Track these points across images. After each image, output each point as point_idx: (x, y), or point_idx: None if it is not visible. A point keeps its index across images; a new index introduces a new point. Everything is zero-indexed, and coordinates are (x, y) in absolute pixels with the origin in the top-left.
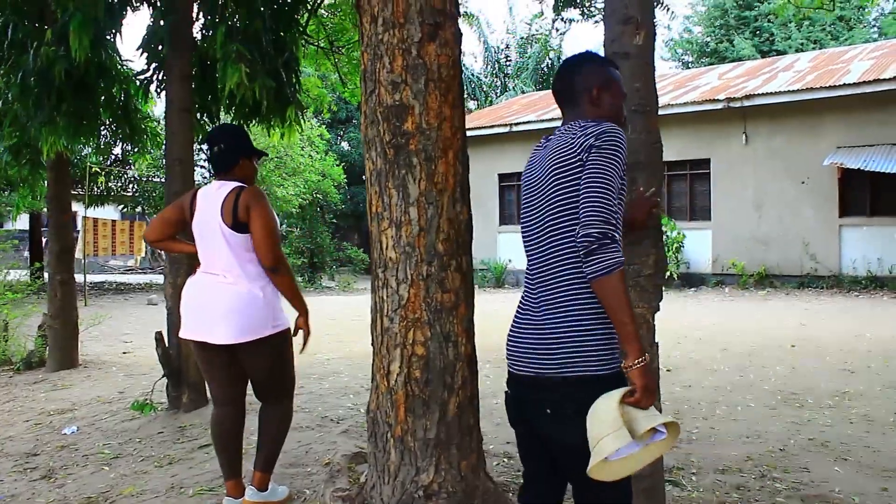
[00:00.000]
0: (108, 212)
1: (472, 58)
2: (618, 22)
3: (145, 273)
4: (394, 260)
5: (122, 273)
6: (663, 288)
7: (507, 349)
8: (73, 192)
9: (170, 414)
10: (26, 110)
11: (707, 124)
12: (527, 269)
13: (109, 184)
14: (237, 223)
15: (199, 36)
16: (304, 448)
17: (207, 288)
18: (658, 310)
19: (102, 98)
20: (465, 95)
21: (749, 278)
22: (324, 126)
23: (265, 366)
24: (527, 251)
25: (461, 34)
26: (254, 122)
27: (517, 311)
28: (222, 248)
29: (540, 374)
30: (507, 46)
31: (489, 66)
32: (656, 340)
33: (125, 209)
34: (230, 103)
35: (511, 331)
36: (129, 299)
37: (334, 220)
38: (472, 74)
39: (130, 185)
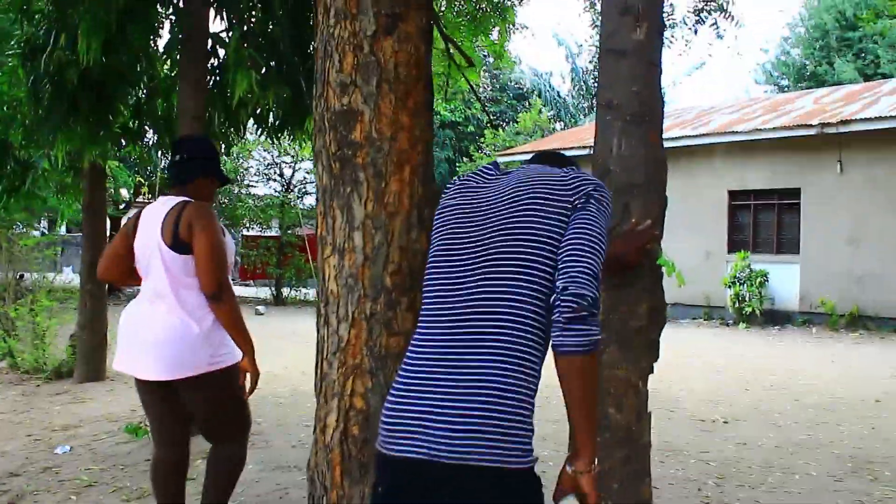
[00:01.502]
0: None
1: (560, 78)
2: (616, 12)
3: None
4: (335, 294)
5: None
6: (659, 345)
7: (390, 423)
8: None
9: None
10: (36, 116)
11: (799, 152)
12: (430, 313)
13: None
14: (178, 242)
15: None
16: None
17: (139, 317)
18: (650, 372)
19: (120, 104)
20: (552, 115)
21: (840, 318)
22: None
23: (205, 406)
24: (442, 291)
25: (430, 28)
26: (281, 133)
27: (407, 367)
28: (159, 270)
29: (438, 459)
30: (595, 68)
31: (576, 88)
32: (649, 410)
33: None
34: (239, 112)
35: (399, 397)
36: None
37: None
38: (559, 95)
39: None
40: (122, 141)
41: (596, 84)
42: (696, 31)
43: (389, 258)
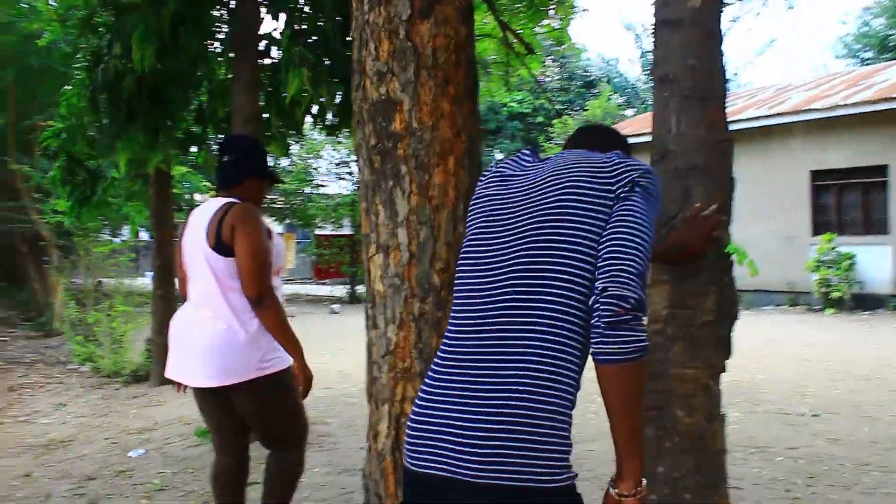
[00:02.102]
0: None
1: (629, 63)
2: None
3: (303, 284)
4: (381, 294)
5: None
6: (731, 341)
7: (412, 435)
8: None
9: None
10: (96, 126)
11: (884, 127)
12: (458, 318)
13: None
14: (221, 245)
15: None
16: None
17: (187, 323)
18: (722, 370)
19: (181, 109)
20: (622, 102)
21: None
22: None
23: (258, 412)
24: (471, 290)
25: (470, 10)
26: (338, 130)
27: (432, 374)
28: (205, 274)
29: (461, 477)
30: None
31: (646, 72)
32: (722, 411)
33: (274, 220)
34: (294, 111)
35: (423, 407)
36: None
37: None
38: (628, 81)
39: (280, 198)
40: (187, 146)
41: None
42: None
43: (436, 255)
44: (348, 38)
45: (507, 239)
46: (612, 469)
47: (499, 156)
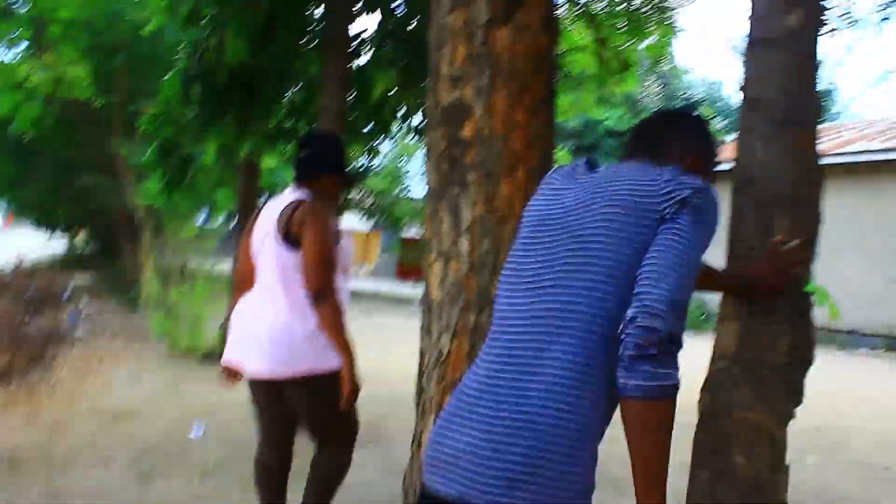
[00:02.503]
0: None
1: (734, 87)
2: None
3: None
4: (437, 302)
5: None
6: (802, 387)
7: (429, 453)
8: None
9: None
10: (184, 112)
11: None
12: (491, 337)
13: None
14: (289, 238)
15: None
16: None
17: (249, 312)
18: (790, 417)
19: (274, 103)
20: (724, 126)
21: None
22: (565, 150)
23: (309, 408)
24: (508, 307)
25: (554, 19)
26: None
27: (457, 394)
28: (272, 265)
29: (470, 499)
30: None
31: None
32: (787, 463)
33: (363, 219)
34: (381, 111)
35: (444, 426)
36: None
37: None
38: (730, 106)
39: (366, 196)
40: (276, 139)
41: None
42: (881, 28)
43: (497, 267)
44: None
45: (545, 257)
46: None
47: None
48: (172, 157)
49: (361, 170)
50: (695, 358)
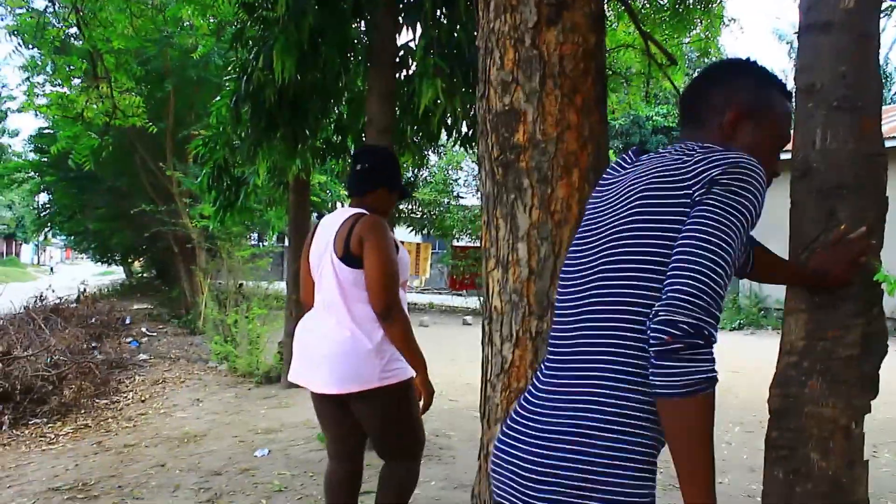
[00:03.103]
0: (400, 233)
1: (783, 75)
2: None
3: (438, 294)
4: (498, 311)
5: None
6: (877, 379)
7: (492, 461)
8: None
9: None
10: (238, 134)
11: None
12: (551, 335)
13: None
14: (349, 255)
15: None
16: None
17: (314, 329)
18: (866, 411)
19: (322, 119)
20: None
21: None
22: (613, 150)
23: (376, 421)
24: (559, 311)
25: (601, 16)
26: (474, 141)
27: (519, 401)
28: (332, 282)
29: None
30: None
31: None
32: (866, 458)
33: (412, 230)
34: (429, 122)
35: (503, 433)
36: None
37: None
38: None
39: (418, 208)
40: (325, 155)
41: None
42: None
43: (556, 272)
44: None
45: (588, 255)
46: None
47: None
48: (225, 180)
49: (413, 180)
50: (752, 354)
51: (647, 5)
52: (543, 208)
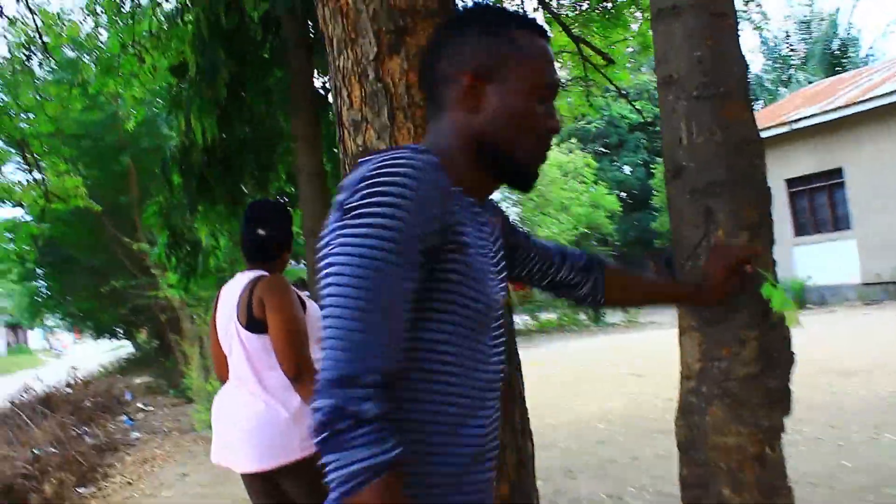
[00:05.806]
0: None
1: (750, 55)
2: None
3: None
4: None
5: None
6: (788, 394)
7: None
8: None
9: None
10: (168, 199)
11: None
12: None
13: None
14: (252, 321)
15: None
16: None
17: (227, 404)
18: (780, 431)
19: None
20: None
21: None
22: (592, 155)
23: (308, 496)
24: None
25: None
26: None
27: None
28: (240, 353)
29: None
30: (788, 35)
31: (771, 61)
32: (789, 485)
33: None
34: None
35: None
36: None
37: (613, 253)
38: (750, 73)
39: None
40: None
41: (790, 49)
42: None
43: None
44: None
45: None
46: None
47: (627, 170)
48: (184, 246)
49: None
50: None
51: (576, 10)
52: None
